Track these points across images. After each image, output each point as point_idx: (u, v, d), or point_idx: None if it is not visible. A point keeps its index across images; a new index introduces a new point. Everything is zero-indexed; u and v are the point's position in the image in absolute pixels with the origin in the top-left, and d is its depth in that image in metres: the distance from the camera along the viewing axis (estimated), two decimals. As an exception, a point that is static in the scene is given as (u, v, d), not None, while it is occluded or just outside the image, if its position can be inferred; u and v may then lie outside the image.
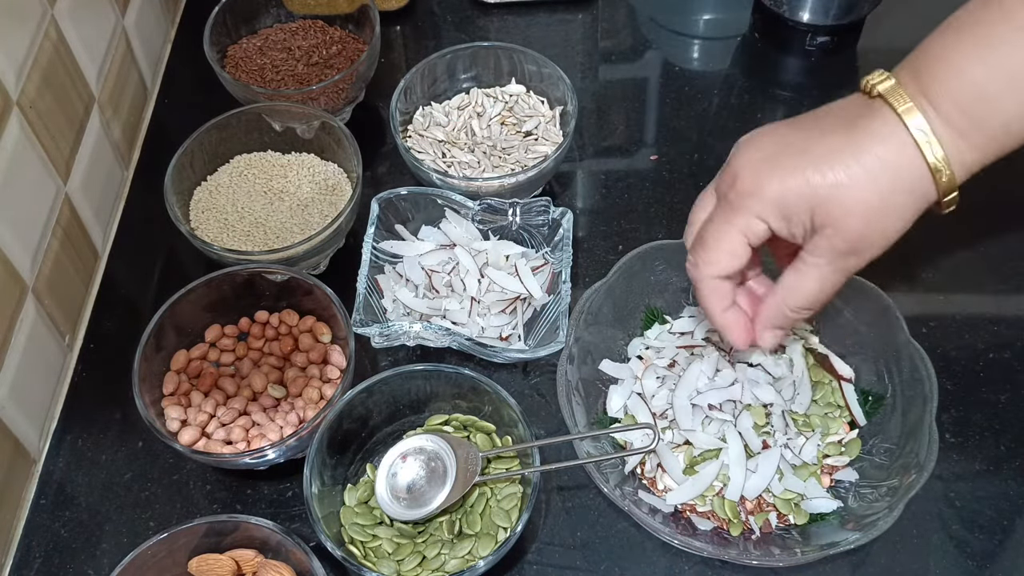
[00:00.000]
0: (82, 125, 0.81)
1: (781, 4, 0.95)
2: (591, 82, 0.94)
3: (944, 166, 0.51)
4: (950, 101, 0.51)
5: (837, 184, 0.52)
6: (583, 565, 0.67)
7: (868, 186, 0.52)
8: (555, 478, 0.70)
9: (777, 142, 0.55)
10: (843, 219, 0.53)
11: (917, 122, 0.51)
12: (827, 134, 0.54)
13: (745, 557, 0.62)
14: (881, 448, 0.67)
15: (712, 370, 0.69)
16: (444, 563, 0.63)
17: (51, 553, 0.68)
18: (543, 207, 0.76)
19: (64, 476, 0.72)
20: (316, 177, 0.83)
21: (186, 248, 0.78)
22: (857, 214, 0.52)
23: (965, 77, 0.50)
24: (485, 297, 0.75)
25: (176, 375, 0.72)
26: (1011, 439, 0.70)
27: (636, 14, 1.00)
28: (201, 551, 0.63)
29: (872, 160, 0.52)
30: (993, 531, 0.66)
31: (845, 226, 0.53)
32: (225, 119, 0.82)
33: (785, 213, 0.54)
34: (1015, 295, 0.78)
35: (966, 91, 0.51)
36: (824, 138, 0.53)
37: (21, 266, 0.70)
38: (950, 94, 0.51)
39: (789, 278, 0.57)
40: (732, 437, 0.67)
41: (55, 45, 0.76)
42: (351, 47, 0.90)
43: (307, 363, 0.73)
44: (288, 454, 0.67)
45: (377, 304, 0.76)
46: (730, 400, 0.68)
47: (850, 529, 0.62)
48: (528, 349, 0.73)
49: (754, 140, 0.57)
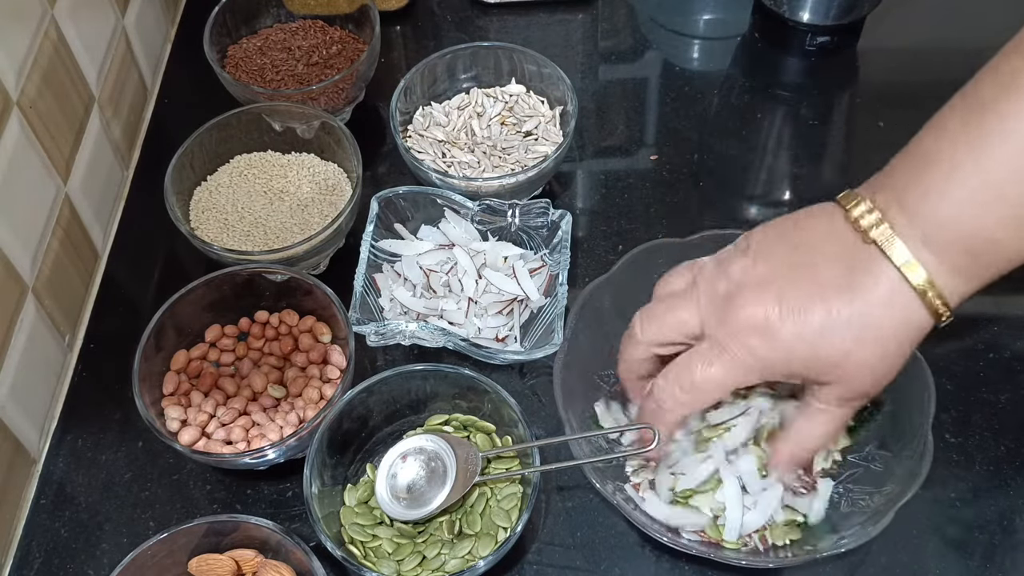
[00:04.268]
0: (82, 125, 0.81)
1: (781, 4, 0.95)
2: (591, 82, 0.94)
3: (945, 309, 0.51)
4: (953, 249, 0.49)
5: (842, 337, 0.51)
6: (583, 565, 0.67)
7: (870, 337, 0.51)
8: (555, 478, 0.70)
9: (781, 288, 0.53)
10: (848, 370, 0.52)
11: (918, 276, 0.50)
12: (828, 290, 0.52)
13: (744, 558, 0.62)
14: (876, 455, 0.66)
15: None
16: (444, 563, 0.63)
17: (51, 553, 0.68)
18: (542, 209, 0.76)
19: (64, 476, 0.72)
20: (316, 177, 0.83)
21: (186, 248, 0.78)
22: (861, 363, 0.52)
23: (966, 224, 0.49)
24: (482, 298, 0.75)
25: (176, 375, 0.72)
26: (1011, 439, 0.70)
27: (636, 14, 1.00)
28: (201, 551, 0.63)
29: (873, 310, 0.51)
30: (993, 531, 0.66)
31: (851, 376, 0.53)
32: (225, 119, 0.82)
33: (788, 374, 0.54)
34: (1015, 295, 0.78)
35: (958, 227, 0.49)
36: (825, 295, 0.52)
37: (21, 266, 0.70)
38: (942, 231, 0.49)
39: (801, 425, 0.58)
40: (729, 478, 0.65)
41: (55, 45, 0.76)
42: (351, 47, 0.91)
43: (307, 363, 0.73)
44: (288, 454, 0.67)
45: (374, 303, 0.76)
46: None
47: (842, 534, 0.62)
48: (524, 351, 0.73)
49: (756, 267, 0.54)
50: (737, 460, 0.65)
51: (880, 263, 0.51)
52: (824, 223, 0.53)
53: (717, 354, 0.55)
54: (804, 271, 0.53)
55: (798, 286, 0.52)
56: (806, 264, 0.53)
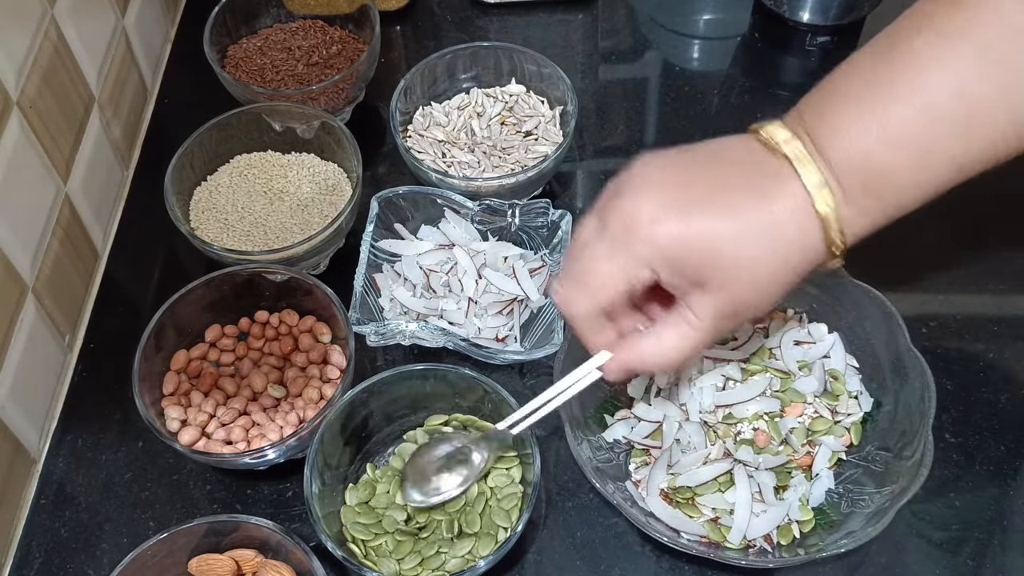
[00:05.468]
0: (82, 125, 0.81)
1: (781, 4, 0.95)
2: (591, 82, 0.94)
3: (841, 243, 0.50)
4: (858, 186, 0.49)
5: (737, 241, 0.50)
6: (583, 565, 0.67)
7: (765, 249, 0.50)
8: (555, 478, 0.70)
9: (675, 182, 0.52)
10: (735, 279, 0.51)
11: (824, 203, 0.49)
12: (728, 186, 0.51)
13: (744, 558, 0.63)
14: (876, 455, 0.66)
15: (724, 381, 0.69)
16: (444, 563, 0.63)
17: (51, 553, 0.68)
18: (542, 209, 0.76)
19: (64, 476, 0.72)
20: (316, 177, 0.83)
21: (186, 248, 0.78)
22: (749, 276, 0.51)
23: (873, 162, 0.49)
24: (482, 298, 0.75)
25: (176, 375, 0.72)
26: (1011, 439, 0.70)
27: (636, 14, 1.00)
28: (201, 551, 0.63)
29: (773, 224, 0.50)
30: (992, 531, 0.66)
31: (735, 287, 0.51)
32: (225, 119, 0.82)
33: (676, 263, 0.51)
34: (1015, 295, 0.78)
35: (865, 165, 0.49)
36: (725, 190, 0.51)
37: (21, 266, 0.70)
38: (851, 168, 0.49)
39: (665, 332, 0.54)
40: (742, 480, 0.64)
41: (55, 45, 0.76)
42: (351, 47, 0.91)
43: (307, 363, 0.73)
44: (288, 454, 0.67)
45: (374, 303, 0.76)
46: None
47: (842, 534, 0.62)
48: (524, 351, 0.73)
49: (648, 174, 0.52)
50: (759, 472, 0.65)
51: (789, 181, 0.50)
52: (734, 141, 0.53)
53: (612, 245, 0.52)
54: (712, 170, 0.52)
55: (705, 184, 0.51)
56: (714, 164, 0.52)
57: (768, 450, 0.66)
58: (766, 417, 0.67)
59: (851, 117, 0.49)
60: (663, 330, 0.55)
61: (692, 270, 0.51)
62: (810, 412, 0.68)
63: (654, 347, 0.55)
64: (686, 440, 0.67)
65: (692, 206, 0.51)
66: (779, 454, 0.66)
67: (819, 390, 0.68)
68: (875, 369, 0.70)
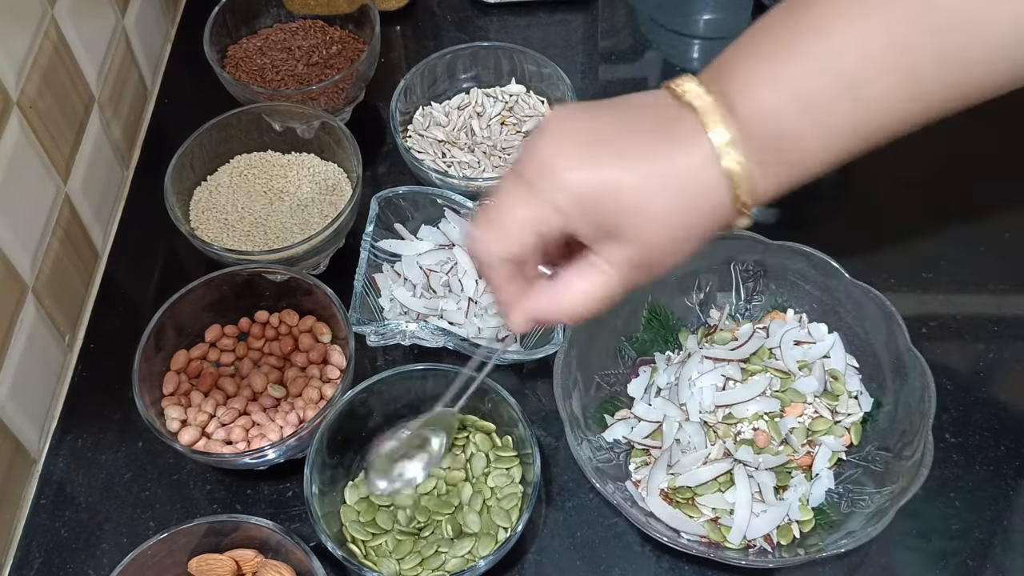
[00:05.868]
0: (82, 125, 0.81)
1: (781, 4, 0.95)
2: (591, 82, 0.94)
3: (748, 203, 0.50)
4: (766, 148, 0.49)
5: (646, 188, 0.49)
6: (583, 565, 0.67)
7: (674, 199, 0.49)
8: (555, 478, 0.70)
9: (587, 129, 0.51)
10: (645, 227, 0.50)
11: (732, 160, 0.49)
12: (639, 134, 0.50)
13: (744, 558, 0.63)
14: (876, 455, 0.66)
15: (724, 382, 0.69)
16: (444, 563, 0.63)
17: (51, 553, 0.68)
18: (543, 207, 0.76)
19: (64, 476, 0.72)
20: (316, 177, 0.83)
21: (186, 248, 0.78)
22: (659, 226, 0.50)
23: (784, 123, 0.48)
24: (482, 298, 0.75)
25: (176, 375, 0.72)
26: (1011, 439, 0.70)
27: (636, 14, 1.00)
28: (201, 551, 0.63)
29: (681, 173, 0.49)
30: (992, 531, 0.66)
31: (646, 236, 0.50)
32: (225, 119, 0.81)
33: (586, 209, 0.50)
34: (1015, 295, 0.78)
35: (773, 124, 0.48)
36: (636, 138, 0.50)
37: (21, 266, 0.70)
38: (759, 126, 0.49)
39: (574, 280, 0.52)
40: (742, 480, 0.65)
41: (55, 45, 0.76)
42: (351, 47, 0.91)
43: (307, 363, 0.73)
44: (288, 454, 0.67)
45: (374, 303, 0.76)
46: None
47: (842, 534, 0.62)
48: (524, 351, 0.73)
49: (561, 123, 0.51)
50: (759, 472, 0.65)
51: (700, 135, 0.49)
52: (649, 95, 0.52)
53: (527, 191, 0.51)
54: (625, 122, 0.51)
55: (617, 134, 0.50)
56: (628, 116, 0.51)
57: (768, 450, 0.66)
58: (766, 417, 0.67)
59: (764, 74, 0.49)
60: (571, 279, 0.53)
61: (604, 217, 0.50)
62: (810, 412, 0.68)
63: (562, 295, 0.53)
64: (686, 440, 0.67)
65: (605, 155, 0.50)
66: (779, 454, 0.66)
67: (819, 390, 0.68)
68: (875, 369, 0.70)
